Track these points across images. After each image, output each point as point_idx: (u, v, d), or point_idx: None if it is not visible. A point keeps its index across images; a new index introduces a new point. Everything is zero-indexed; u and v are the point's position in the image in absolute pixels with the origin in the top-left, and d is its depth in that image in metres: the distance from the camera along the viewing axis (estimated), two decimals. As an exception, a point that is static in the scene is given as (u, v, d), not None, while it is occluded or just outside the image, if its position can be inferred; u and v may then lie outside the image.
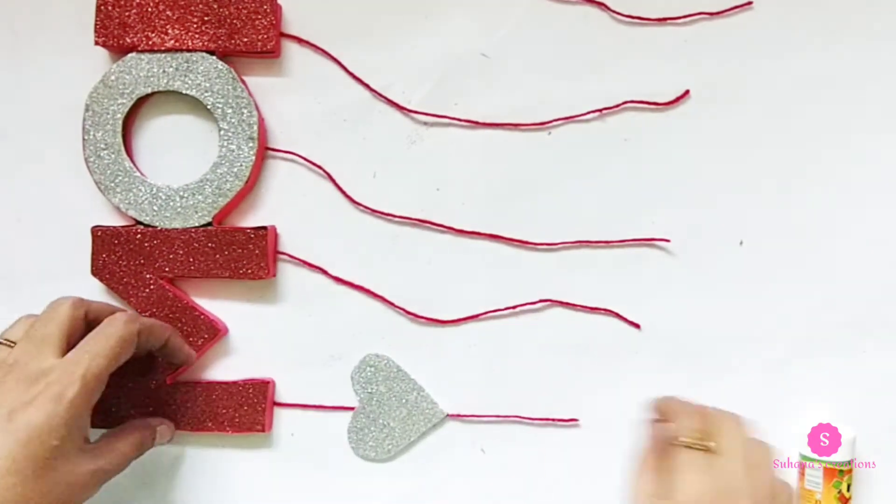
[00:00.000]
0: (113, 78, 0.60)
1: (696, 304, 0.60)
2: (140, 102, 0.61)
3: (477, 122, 0.60)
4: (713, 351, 0.60)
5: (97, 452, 0.49)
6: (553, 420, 0.60)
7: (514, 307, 0.60)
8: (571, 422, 0.60)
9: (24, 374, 0.46)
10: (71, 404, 0.46)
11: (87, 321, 0.52)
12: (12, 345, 0.50)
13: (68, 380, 0.46)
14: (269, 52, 0.60)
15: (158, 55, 0.60)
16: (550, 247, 0.60)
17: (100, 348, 0.49)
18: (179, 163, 0.61)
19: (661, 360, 0.60)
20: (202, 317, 0.60)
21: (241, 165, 0.59)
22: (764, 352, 0.60)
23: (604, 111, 0.60)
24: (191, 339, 0.60)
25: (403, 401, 0.61)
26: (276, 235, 0.61)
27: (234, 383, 0.60)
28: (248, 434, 0.60)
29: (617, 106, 0.60)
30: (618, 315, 0.60)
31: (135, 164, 0.61)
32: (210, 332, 0.60)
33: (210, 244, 0.60)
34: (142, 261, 0.60)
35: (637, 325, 0.60)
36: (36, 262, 0.62)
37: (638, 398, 0.57)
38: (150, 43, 0.59)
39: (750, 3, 0.59)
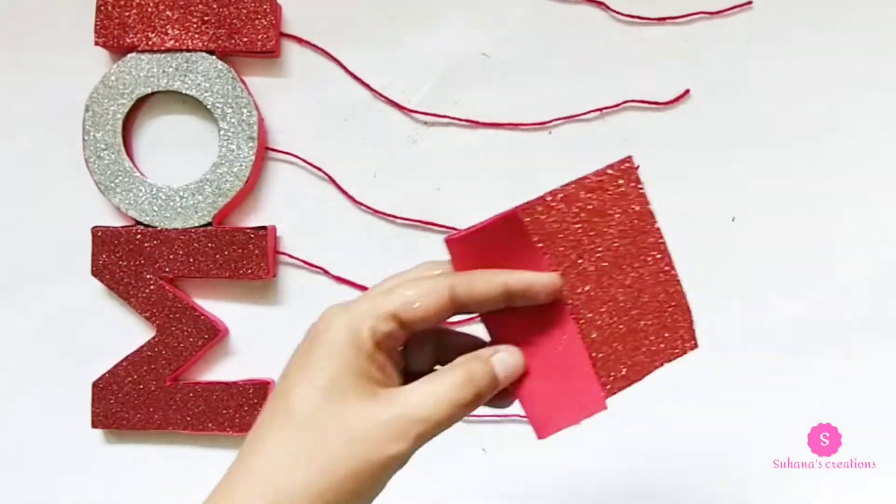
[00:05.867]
0: (113, 78, 0.60)
1: (696, 304, 0.60)
2: (140, 102, 0.61)
3: (477, 122, 0.60)
4: (712, 350, 0.60)
5: (393, 398, 0.37)
6: (553, 420, 0.60)
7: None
8: (572, 421, 0.60)
9: None
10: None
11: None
12: None
13: None
14: (269, 52, 0.60)
15: (158, 55, 0.60)
16: (550, 247, 0.60)
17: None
18: (179, 163, 0.61)
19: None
20: (202, 317, 0.60)
21: (241, 165, 0.59)
22: (763, 351, 0.59)
23: (604, 111, 0.60)
24: (191, 339, 0.60)
25: (404, 401, 0.61)
26: (276, 235, 0.61)
27: (235, 384, 0.60)
28: (249, 434, 0.60)
29: (617, 106, 0.60)
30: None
31: (135, 165, 0.61)
32: (210, 333, 0.60)
33: (210, 244, 0.60)
34: (142, 261, 0.60)
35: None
36: (36, 262, 0.62)
37: (638, 394, 0.57)
38: (150, 43, 0.59)
39: (750, 3, 0.59)
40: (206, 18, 0.59)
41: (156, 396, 0.60)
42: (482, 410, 0.60)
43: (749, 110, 0.59)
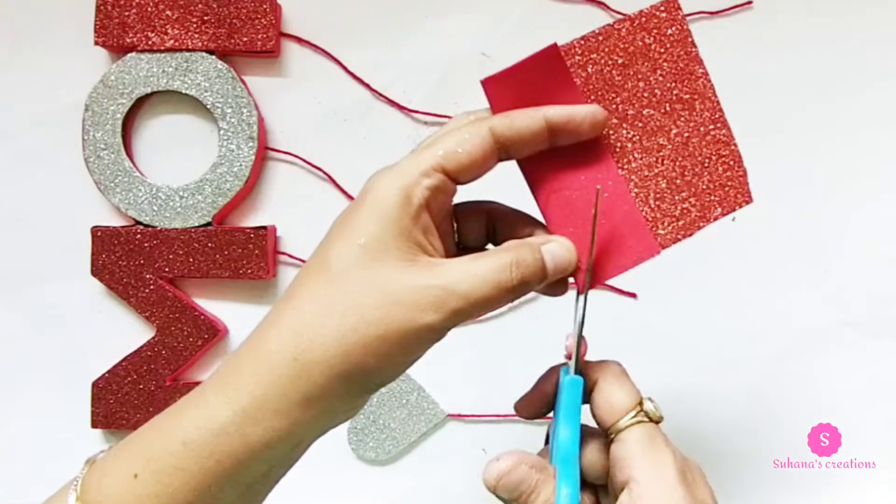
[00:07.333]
0: (113, 78, 0.60)
1: (697, 304, 0.60)
2: (140, 102, 0.61)
3: (477, 122, 0.60)
4: (712, 350, 0.60)
5: (434, 267, 0.35)
6: (553, 420, 0.60)
7: (514, 305, 0.60)
8: (572, 422, 0.60)
9: None
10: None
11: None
12: None
13: None
14: (269, 52, 0.60)
15: (158, 55, 0.60)
16: (550, 247, 0.60)
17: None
18: (179, 163, 0.61)
19: (659, 359, 0.60)
20: (202, 317, 0.60)
21: (241, 165, 0.59)
22: (763, 351, 0.60)
23: (604, 111, 0.60)
24: (191, 339, 0.60)
25: (404, 401, 0.61)
26: (276, 235, 0.61)
27: (235, 383, 0.60)
28: (249, 434, 0.60)
29: (617, 106, 0.60)
30: (621, 290, 0.60)
31: (135, 164, 0.61)
32: (210, 332, 0.60)
33: (210, 244, 0.60)
34: (142, 261, 0.60)
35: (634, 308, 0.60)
36: (36, 262, 0.62)
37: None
38: (150, 43, 0.59)
39: (750, 3, 0.59)
40: (206, 18, 0.59)
41: (156, 396, 0.60)
42: (481, 411, 0.60)
43: (749, 110, 0.59)
